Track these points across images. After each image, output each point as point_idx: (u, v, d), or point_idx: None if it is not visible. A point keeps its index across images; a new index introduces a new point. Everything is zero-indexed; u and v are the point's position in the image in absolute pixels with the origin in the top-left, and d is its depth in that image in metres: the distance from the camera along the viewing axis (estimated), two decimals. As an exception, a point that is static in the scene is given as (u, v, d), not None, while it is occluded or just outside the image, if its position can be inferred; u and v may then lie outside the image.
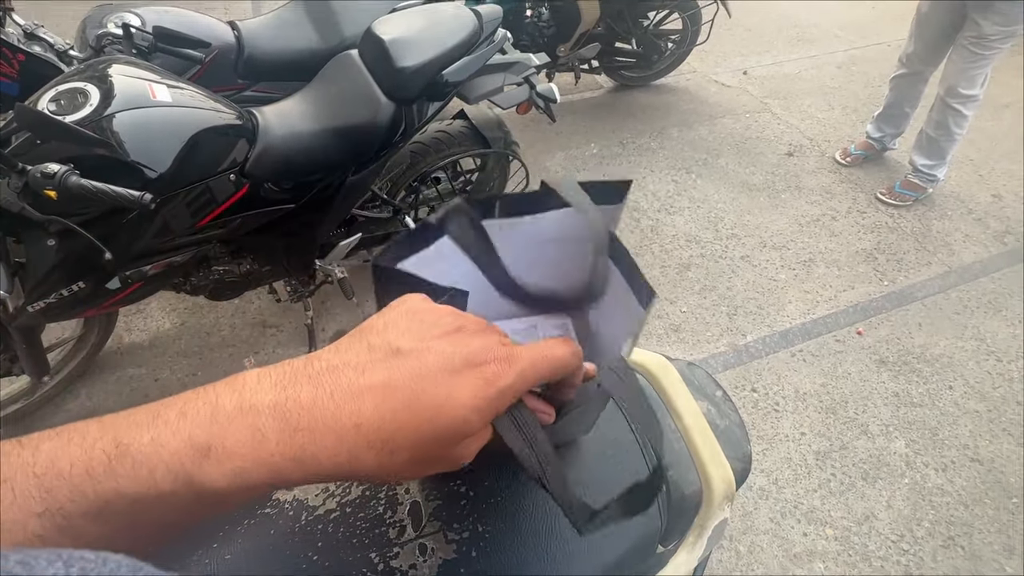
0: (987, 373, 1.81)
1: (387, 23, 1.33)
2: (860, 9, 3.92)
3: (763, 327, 1.91)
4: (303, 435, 0.23)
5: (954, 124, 2.19)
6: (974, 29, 2.01)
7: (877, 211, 2.38)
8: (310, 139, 1.28)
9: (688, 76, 3.15)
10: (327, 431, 0.23)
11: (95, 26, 1.42)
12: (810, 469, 1.55)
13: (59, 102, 0.99)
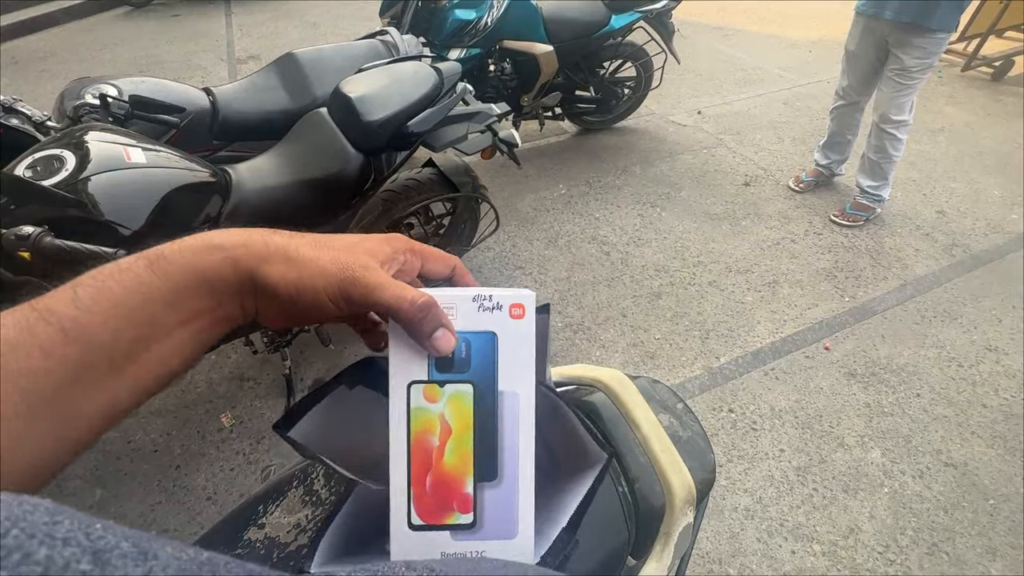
0: (951, 379, 1.87)
1: (353, 82, 1.42)
2: (798, 52, 4.25)
3: (735, 348, 1.96)
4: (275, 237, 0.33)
5: (891, 147, 2.37)
6: (897, 63, 2.21)
7: (832, 232, 2.51)
8: (283, 192, 1.33)
9: (647, 118, 3.35)
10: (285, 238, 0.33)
11: (73, 97, 1.48)
12: (792, 485, 1.57)
13: (36, 168, 1.04)
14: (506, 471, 0.34)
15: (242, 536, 0.60)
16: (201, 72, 3.74)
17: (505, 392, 0.34)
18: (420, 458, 0.33)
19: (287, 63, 1.76)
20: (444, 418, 0.33)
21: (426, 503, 0.33)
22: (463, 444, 0.33)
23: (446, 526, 0.33)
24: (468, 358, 0.34)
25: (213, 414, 1.73)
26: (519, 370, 0.34)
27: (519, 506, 0.34)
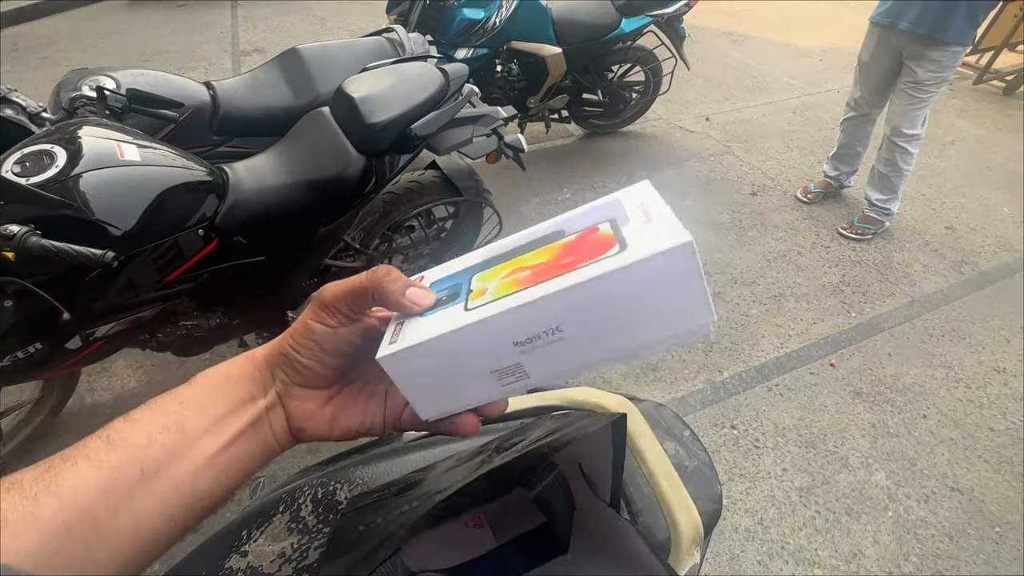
0: (958, 400, 1.84)
1: (357, 81, 1.38)
2: (808, 61, 4.21)
3: (739, 363, 1.93)
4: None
5: (902, 161, 2.33)
6: (910, 75, 2.17)
7: (840, 245, 2.47)
8: (281, 192, 1.30)
9: (654, 123, 3.31)
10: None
11: (69, 89, 1.44)
12: (794, 507, 1.53)
13: (24, 164, 1.00)
14: (560, 226, 0.32)
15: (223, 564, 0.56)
16: (205, 63, 3.70)
17: (486, 254, 0.34)
18: (539, 276, 0.30)
19: (291, 59, 1.72)
20: (503, 277, 0.31)
21: (589, 250, 0.29)
22: (527, 259, 0.31)
23: (616, 233, 0.29)
24: (457, 284, 0.33)
25: (205, 415, 1.69)
26: (467, 257, 0.35)
27: (594, 205, 0.32)
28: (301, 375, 0.33)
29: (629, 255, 0.27)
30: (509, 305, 0.28)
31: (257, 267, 1.33)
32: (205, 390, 0.32)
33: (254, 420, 0.32)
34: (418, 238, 1.84)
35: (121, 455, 0.28)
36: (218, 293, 1.38)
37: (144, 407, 0.30)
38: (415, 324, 0.31)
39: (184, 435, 0.30)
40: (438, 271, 0.36)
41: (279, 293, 1.49)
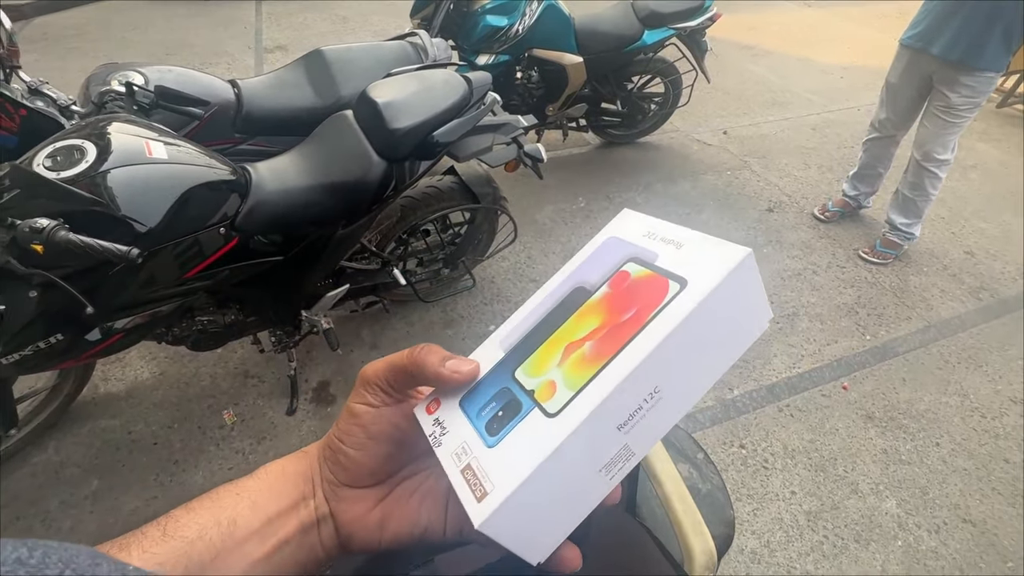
0: (972, 430, 1.81)
1: (382, 87, 1.39)
2: (829, 77, 4.18)
3: (750, 381, 1.91)
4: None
5: (930, 186, 2.30)
6: (942, 100, 2.14)
7: (856, 266, 2.44)
8: (302, 194, 1.31)
9: (671, 134, 3.30)
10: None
11: (99, 83, 1.47)
12: (802, 530, 1.52)
13: (56, 158, 1.02)
14: (578, 280, 0.30)
15: None
16: (228, 59, 3.75)
17: (506, 340, 0.31)
18: (605, 345, 0.27)
19: (315, 60, 1.74)
20: (559, 360, 0.28)
21: (648, 298, 0.27)
22: (568, 332, 0.28)
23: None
24: (502, 391, 0.29)
25: (216, 410, 1.71)
26: (489, 346, 0.31)
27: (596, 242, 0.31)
28: (346, 470, 0.30)
29: (701, 286, 0.26)
30: (606, 390, 0.24)
31: (274, 266, 1.34)
32: (263, 484, 0.30)
33: (304, 526, 0.30)
34: (433, 242, 1.85)
35: (170, 548, 0.27)
36: (235, 290, 1.40)
37: (209, 494, 0.30)
38: (491, 459, 0.26)
39: (233, 533, 0.28)
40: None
41: (294, 293, 1.50)
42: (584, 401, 0.25)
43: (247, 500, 0.29)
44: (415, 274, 1.91)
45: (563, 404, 0.25)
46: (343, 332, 1.92)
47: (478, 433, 0.27)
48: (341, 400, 1.77)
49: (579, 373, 0.26)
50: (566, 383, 0.26)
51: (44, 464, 1.54)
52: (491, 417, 0.27)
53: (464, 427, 0.28)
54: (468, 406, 0.29)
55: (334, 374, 1.84)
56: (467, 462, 0.26)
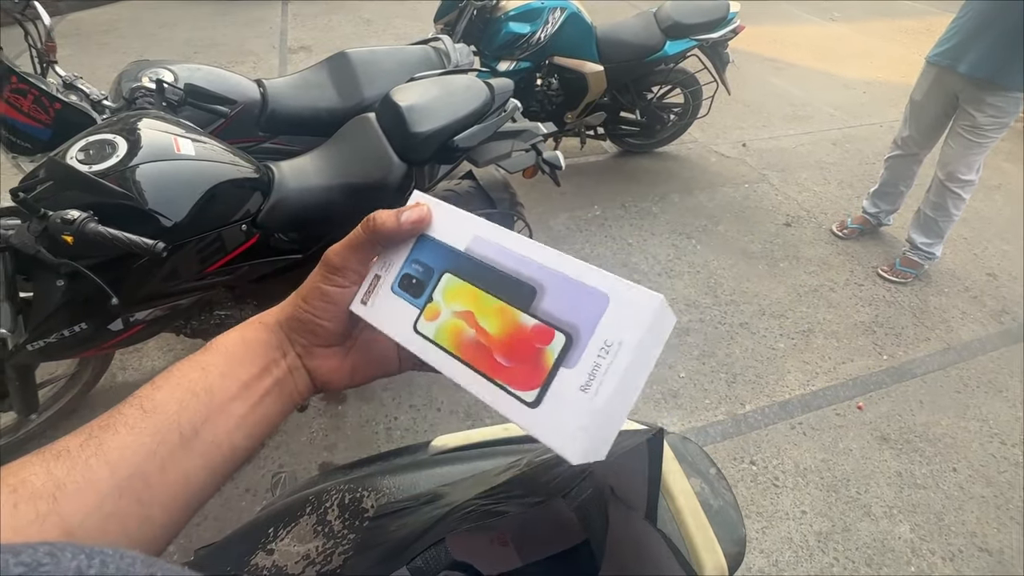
0: (991, 456, 1.77)
1: (405, 91, 1.41)
2: (851, 92, 4.14)
3: (762, 397, 1.89)
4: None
5: (953, 206, 2.26)
6: (968, 119, 2.11)
7: (875, 284, 2.41)
8: (323, 194, 1.33)
9: (690, 145, 3.29)
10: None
11: (131, 79, 1.50)
12: (812, 551, 1.49)
13: (88, 152, 1.04)
14: (543, 279, 0.29)
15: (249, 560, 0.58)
16: (253, 58, 3.81)
17: (470, 248, 0.33)
18: (474, 353, 0.30)
19: (339, 62, 1.77)
20: (456, 313, 0.32)
21: (519, 372, 0.28)
22: (488, 306, 0.31)
23: (553, 369, 0.27)
24: (429, 270, 0.34)
25: (228, 403, 1.73)
26: (459, 226, 0.34)
27: (585, 282, 0.28)
28: (319, 336, 0.35)
29: (533, 424, 0.27)
30: (444, 368, 0.31)
31: (293, 264, 1.36)
32: (225, 356, 0.33)
33: (278, 381, 0.34)
34: (449, 246, 1.86)
35: (158, 421, 0.30)
36: (253, 286, 1.42)
37: (167, 374, 0.32)
38: (384, 298, 0.34)
39: (213, 400, 0.31)
40: (436, 215, 0.35)
41: (311, 290, 1.52)
42: (427, 354, 0.32)
43: (216, 372, 0.32)
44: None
45: (423, 335, 0.32)
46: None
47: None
48: (352, 399, 1.78)
49: (447, 337, 0.31)
50: (436, 332, 0.32)
51: (61, 449, 1.57)
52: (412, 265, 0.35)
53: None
54: (421, 243, 0.35)
55: (346, 372, 1.85)
56: (377, 276, 0.36)
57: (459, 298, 0.32)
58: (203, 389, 0.31)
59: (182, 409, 0.30)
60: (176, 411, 0.30)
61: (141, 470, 0.28)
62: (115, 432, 0.29)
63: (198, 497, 0.31)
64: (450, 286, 0.33)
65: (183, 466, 0.30)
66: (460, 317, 0.31)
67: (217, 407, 0.31)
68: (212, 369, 0.32)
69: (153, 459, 0.29)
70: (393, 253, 0.36)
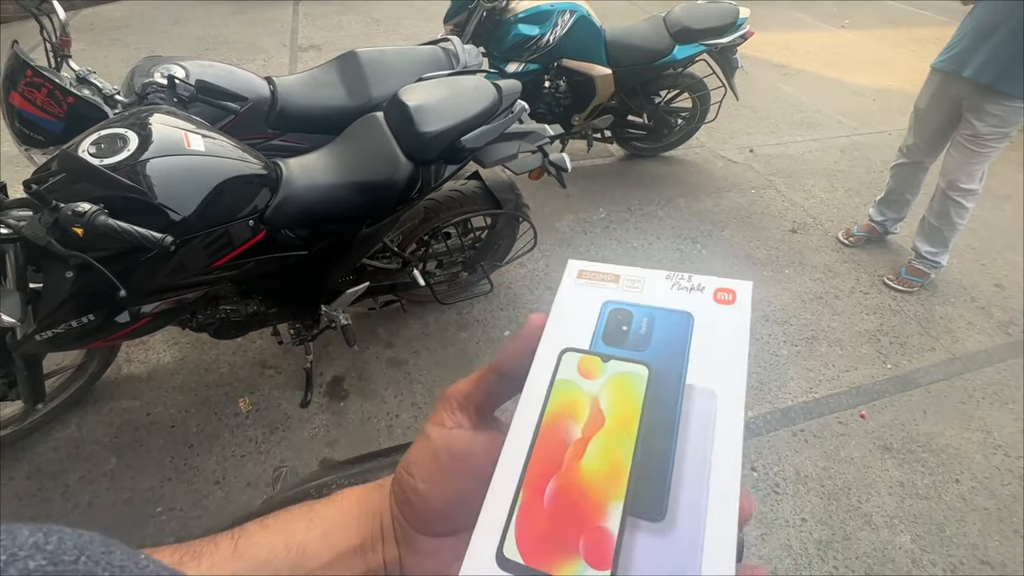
0: (995, 468, 1.75)
1: (413, 91, 1.42)
2: (861, 100, 4.12)
3: (764, 403, 1.88)
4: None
5: (956, 215, 2.25)
6: (970, 129, 2.10)
7: (880, 293, 2.40)
8: (330, 191, 1.34)
9: (697, 150, 3.28)
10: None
11: (143, 75, 1.52)
12: (811, 559, 1.49)
13: (100, 145, 1.06)
14: (681, 513, 0.20)
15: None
16: (263, 56, 3.84)
17: (696, 388, 0.23)
18: (547, 451, 0.22)
19: (349, 61, 1.78)
20: (598, 403, 0.23)
21: (536, 526, 0.21)
22: (617, 446, 0.22)
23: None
24: (649, 335, 0.25)
25: (232, 397, 1.74)
26: (722, 365, 0.23)
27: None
28: (415, 510, 0.26)
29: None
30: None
31: (299, 260, 1.37)
32: (336, 512, 0.28)
33: (371, 567, 0.27)
34: (454, 246, 1.87)
35: (239, 568, 0.26)
36: (259, 282, 1.43)
37: (281, 514, 0.28)
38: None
39: (302, 563, 0.26)
40: (621, 270, 0.28)
41: (316, 287, 1.53)
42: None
43: (319, 529, 0.27)
44: (434, 276, 1.93)
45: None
46: (360, 329, 1.95)
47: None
48: (354, 395, 1.79)
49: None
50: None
51: (67, 440, 1.58)
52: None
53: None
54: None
55: (348, 370, 1.86)
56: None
57: (620, 399, 0.23)
58: (298, 544, 0.27)
59: (268, 560, 0.26)
60: (262, 561, 0.26)
61: None
62: (197, 565, 0.26)
63: None
64: (630, 381, 0.24)
65: None
66: (592, 409, 0.23)
67: (302, 571, 0.26)
68: (317, 524, 0.27)
69: None
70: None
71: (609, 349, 0.25)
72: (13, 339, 1.14)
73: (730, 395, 0.23)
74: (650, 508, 0.21)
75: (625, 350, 0.25)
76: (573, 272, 0.28)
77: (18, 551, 0.15)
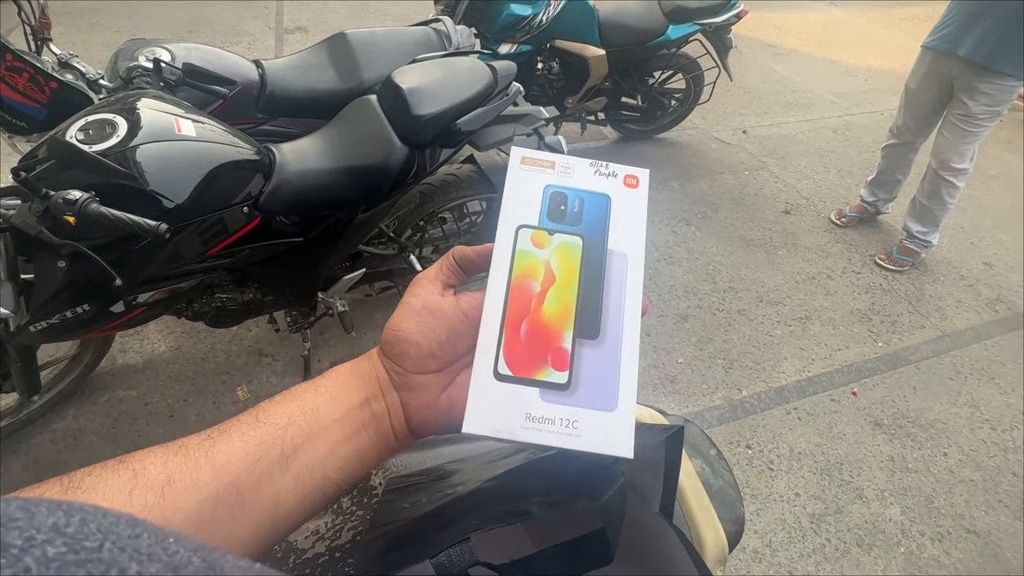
0: (982, 441, 1.80)
1: (407, 73, 1.39)
2: (853, 80, 4.12)
3: (759, 382, 1.91)
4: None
5: (947, 195, 2.27)
6: (962, 108, 2.11)
7: (871, 272, 2.42)
8: (324, 177, 1.32)
9: (690, 132, 3.27)
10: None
11: (127, 59, 1.48)
12: (804, 532, 1.53)
13: (88, 131, 1.03)
14: (608, 332, 0.32)
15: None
16: (248, 39, 3.75)
17: (614, 252, 0.33)
18: (518, 301, 0.32)
19: (338, 43, 1.74)
20: (549, 266, 0.33)
21: (517, 351, 0.31)
22: (565, 294, 0.32)
23: (536, 381, 0.31)
24: (580, 213, 0.34)
25: (230, 386, 1.74)
26: (630, 234, 0.34)
27: (621, 375, 0.31)
28: (409, 356, 0.33)
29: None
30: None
31: (294, 247, 1.36)
32: (337, 381, 0.33)
33: (375, 415, 0.33)
34: (450, 230, 1.86)
35: (265, 432, 0.30)
36: (254, 269, 1.41)
37: (288, 391, 0.33)
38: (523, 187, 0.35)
39: (318, 420, 0.31)
40: (557, 157, 0.36)
41: (312, 274, 1.52)
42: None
43: (326, 394, 0.33)
44: (431, 261, 1.92)
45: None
46: (357, 315, 1.94)
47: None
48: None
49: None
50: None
51: (64, 431, 1.57)
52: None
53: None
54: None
55: (346, 356, 1.86)
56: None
57: (564, 262, 0.33)
58: (311, 408, 0.32)
59: (289, 424, 0.31)
60: (284, 424, 0.31)
61: (239, 480, 0.28)
62: (228, 437, 0.30)
63: (284, 524, 0.30)
64: (570, 249, 0.33)
65: (276, 484, 0.29)
66: (545, 270, 0.32)
67: (319, 429, 0.31)
68: (323, 391, 0.33)
69: (252, 471, 0.29)
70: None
71: (553, 224, 0.34)
72: (6, 331, 1.12)
73: (635, 255, 0.34)
74: (590, 331, 0.32)
75: (565, 225, 0.34)
76: (517, 158, 0.36)
77: (35, 533, 0.14)
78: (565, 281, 0.32)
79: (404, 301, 0.34)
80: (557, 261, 0.33)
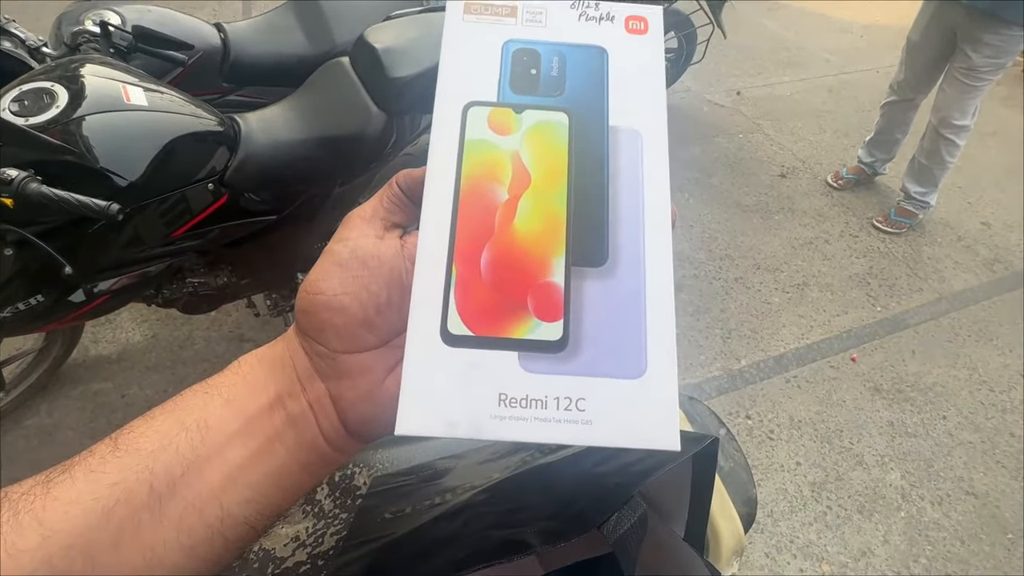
0: (980, 403, 1.79)
1: (380, 31, 1.28)
2: (848, 36, 3.99)
3: (757, 351, 1.88)
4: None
5: (947, 153, 2.21)
6: (964, 61, 2.03)
7: (869, 235, 2.38)
8: (296, 148, 1.22)
9: (682, 95, 3.15)
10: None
11: (72, 23, 1.35)
12: (806, 501, 1.51)
13: (23, 102, 0.92)
14: (622, 254, 0.20)
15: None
16: (213, 4, 3.53)
17: (620, 129, 0.22)
18: (473, 218, 0.21)
19: (307, 3, 1.61)
20: (519, 159, 0.21)
21: (478, 297, 0.20)
22: (549, 201, 0.21)
23: (512, 341, 0.19)
24: (561, 77, 0.23)
25: (210, 373, 1.65)
26: (642, 102, 0.22)
27: (647, 321, 0.19)
28: (333, 328, 0.22)
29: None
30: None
31: (268, 226, 1.27)
32: (237, 377, 0.24)
33: (293, 419, 0.23)
34: (435, 204, 1.77)
35: (124, 466, 0.21)
36: (227, 251, 1.33)
37: (168, 401, 0.23)
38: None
39: (206, 437, 0.22)
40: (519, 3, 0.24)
41: (289, 254, 1.43)
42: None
43: (219, 398, 0.23)
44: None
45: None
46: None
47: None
48: (340, 366, 1.73)
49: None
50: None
51: (37, 427, 1.50)
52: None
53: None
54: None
55: (333, 339, 1.79)
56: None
57: (543, 152, 0.21)
58: (196, 421, 0.22)
59: (162, 448, 0.22)
60: (153, 450, 0.21)
61: (85, 541, 0.20)
62: (69, 478, 0.21)
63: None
64: (551, 131, 0.22)
65: (146, 538, 0.21)
66: (515, 167, 0.21)
67: (210, 450, 0.22)
68: (215, 395, 0.23)
69: (106, 526, 0.20)
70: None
71: (521, 98, 0.22)
72: (-44, 326, 1.04)
73: (653, 132, 0.22)
74: (592, 255, 0.20)
75: (539, 97, 0.22)
76: (457, 9, 0.24)
77: None
78: (547, 181, 0.21)
79: (327, 249, 0.24)
80: (531, 151, 0.22)
